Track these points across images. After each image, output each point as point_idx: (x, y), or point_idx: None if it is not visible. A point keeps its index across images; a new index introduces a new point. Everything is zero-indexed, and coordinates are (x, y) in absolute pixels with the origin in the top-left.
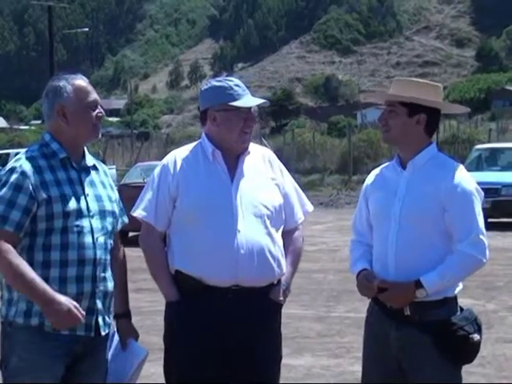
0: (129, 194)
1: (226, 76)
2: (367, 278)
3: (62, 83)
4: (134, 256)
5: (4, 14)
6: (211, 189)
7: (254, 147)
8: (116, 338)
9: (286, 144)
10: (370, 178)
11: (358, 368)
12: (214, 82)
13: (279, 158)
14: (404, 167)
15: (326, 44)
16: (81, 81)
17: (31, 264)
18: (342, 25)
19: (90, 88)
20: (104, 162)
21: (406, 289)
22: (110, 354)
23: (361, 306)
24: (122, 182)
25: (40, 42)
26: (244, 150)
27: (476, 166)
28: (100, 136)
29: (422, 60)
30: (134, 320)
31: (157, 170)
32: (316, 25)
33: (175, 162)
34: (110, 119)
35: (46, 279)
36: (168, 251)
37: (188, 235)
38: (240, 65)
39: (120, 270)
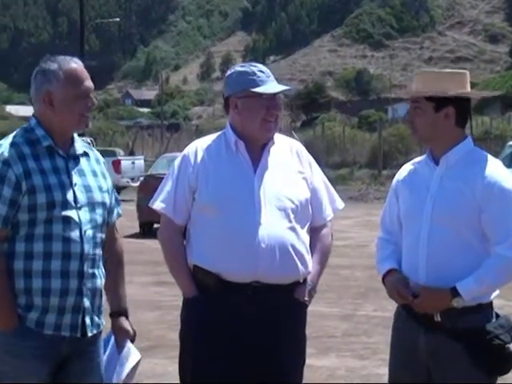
0: (154, 185)
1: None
2: (403, 284)
3: (53, 67)
4: (158, 248)
5: (38, 4)
6: (232, 180)
7: (281, 138)
8: (113, 339)
9: (315, 137)
10: (400, 173)
11: (384, 371)
12: (238, 68)
13: (309, 152)
14: (437, 162)
15: (357, 38)
16: (74, 66)
17: (12, 254)
18: (374, 19)
19: (83, 75)
20: (133, 152)
21: (441, 296)
22: (105, 356)
23: (388, 305)
24: (149, 173)
25: (73, 31)
26: (268, 140)
27: (509, 162)
28: (90, 126)
29: (455, 55)
30: (156, 314)
31: (177, 161)
32: (348, 19)
33: (196, 153)
34: (141, 110)
35: (29, 272)
36: (187, 245)
37: (206, 229)
38: (272, 58)
39: (115, 265)
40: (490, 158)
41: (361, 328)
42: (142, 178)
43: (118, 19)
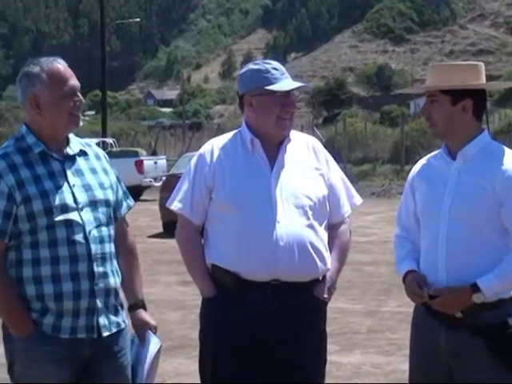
0: (176, 184)
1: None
2: (418, 284)
3: (35, 70)
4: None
5: (59, 6)
6: (249, 179)
7: (297, 135)
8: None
9: (337, 134)
10: (416, 168)
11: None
12: (252, 65)
13: (331, 148)
14: (453, 157)
15: (378, 33)
16: (57, 66)
17: (21, 262)
18: (395, 13)
19: (67, 74)
20: (155, 152)
21: (462, 293)
22: (133, 354)
23: (412, 301)
24: (171, 172)
25: (94, 32)
26: (284, 138)
27: None
28: (81, 124)
29: (477, 49)
30: (179, 314)
31: (193, 160)
32: (369, 14)
33: (212, 152)
34: (163, 110)
35: (39, 278)
36: (204, 245)
37: (224, 228)
38: (293, 54)
39: (127, 258)
40: (508, 150)
41: (385, 324)
42: (164, 178)
43: (138, 19)
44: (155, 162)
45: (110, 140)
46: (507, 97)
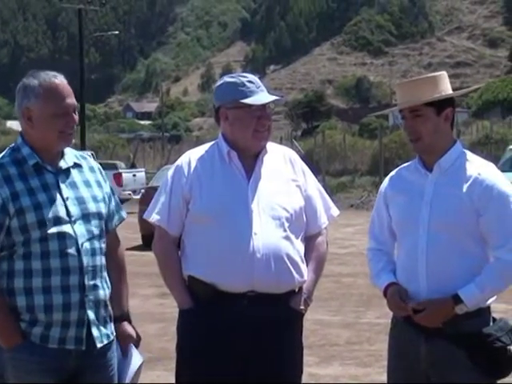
0: None
1: (257, 75)
2: (401, 297)
3: (33, 83)
4: None
5: (37, 18)
6: (226, 191)
7: (274, 146)
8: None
9: (316, 146)
10: (388, 181)
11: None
12: (227, 78)
13: (310, 160)
14: (428, 168)
15: (357, 45)
16: (55, 83)
17: (12, 273)
18: (373, 26)
19: (64, 92)
20: (134, 165)
21: (444, 306)
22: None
23: (391, 312)
24: (150, 185)
25: (73, 45)
26: (261, 150)
27: (510, 166)
28: (73, 142)
29: (454, 61)
30: (158, 327)
31: (170, 172)
32: (347, 26)
33: (189, 163)
34: (142, 122)
35: (30, 289)
36: (181, 256)
37: (201, 239)
38: (272, 67)
39: (115, 271)
40: (482, 160)
41: (364, 335)
42: (143, 191)
43: (117, 32)
44: (134, 175)
45: (88, 153)
46: (484, 108)
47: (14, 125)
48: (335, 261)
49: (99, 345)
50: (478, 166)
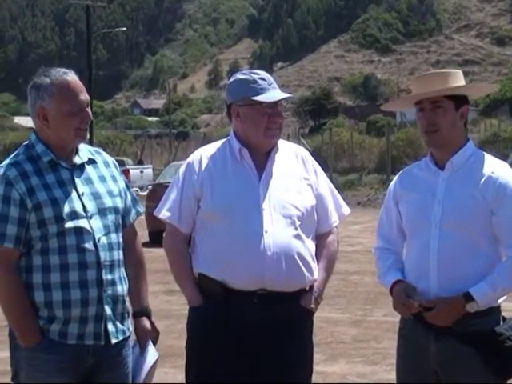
0: (163, 194)
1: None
2: (407, 294)
3: (45, 82)
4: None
5: (45, 15)
6: (237, 188)
7: (285, 145)
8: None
9: (324, 143)
10: (397, 179)
11: (394, 376)
12: (239, 75)
13: (317, 158)
14: (440, 166)
15: (364, 43)
16: (67, 80)
17: (30, 268)
18: (380, 24)
19: (77, 88)
20: (141, 161)
21: (455, 304)
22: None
23: None
24: (157, 182)
25: (80, 41)
26: (272, 147)
27: None
28: (88, 137)
29: (462, 59)
30: (166, 324)
31: (182, 169)
32: (355, 24)
33: (201, 160)
34: (149, 119)
35: (48, 285)
36: (192, 254)
37: (212, 237)
38: (279, 64)
39: (134, 265)
40: (495, 159)
41: (371, 333)
42: (150, 187)
43: (124, 28)
44: (141, 172)
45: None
46: (492, 107)
47: (22, 121)
48: (342, 258)
49: (114, 341)
50: (491, 165)
